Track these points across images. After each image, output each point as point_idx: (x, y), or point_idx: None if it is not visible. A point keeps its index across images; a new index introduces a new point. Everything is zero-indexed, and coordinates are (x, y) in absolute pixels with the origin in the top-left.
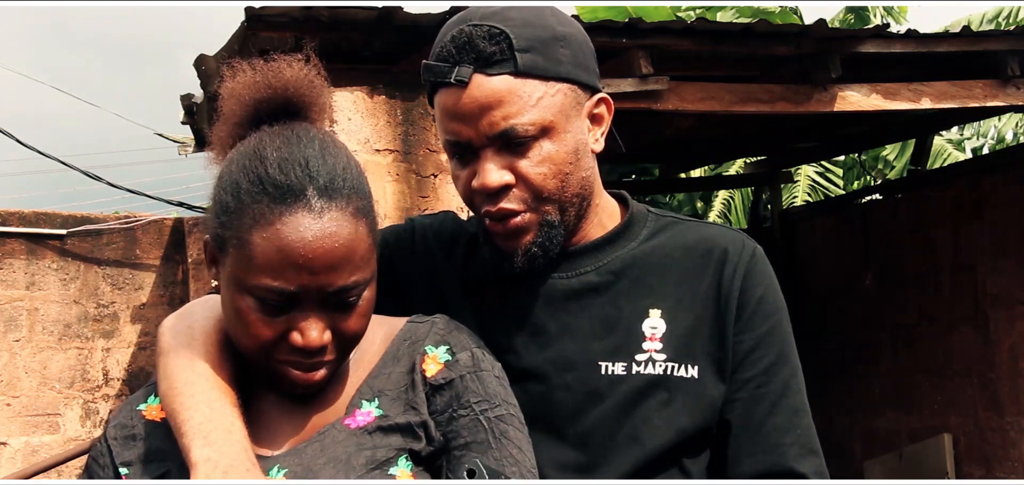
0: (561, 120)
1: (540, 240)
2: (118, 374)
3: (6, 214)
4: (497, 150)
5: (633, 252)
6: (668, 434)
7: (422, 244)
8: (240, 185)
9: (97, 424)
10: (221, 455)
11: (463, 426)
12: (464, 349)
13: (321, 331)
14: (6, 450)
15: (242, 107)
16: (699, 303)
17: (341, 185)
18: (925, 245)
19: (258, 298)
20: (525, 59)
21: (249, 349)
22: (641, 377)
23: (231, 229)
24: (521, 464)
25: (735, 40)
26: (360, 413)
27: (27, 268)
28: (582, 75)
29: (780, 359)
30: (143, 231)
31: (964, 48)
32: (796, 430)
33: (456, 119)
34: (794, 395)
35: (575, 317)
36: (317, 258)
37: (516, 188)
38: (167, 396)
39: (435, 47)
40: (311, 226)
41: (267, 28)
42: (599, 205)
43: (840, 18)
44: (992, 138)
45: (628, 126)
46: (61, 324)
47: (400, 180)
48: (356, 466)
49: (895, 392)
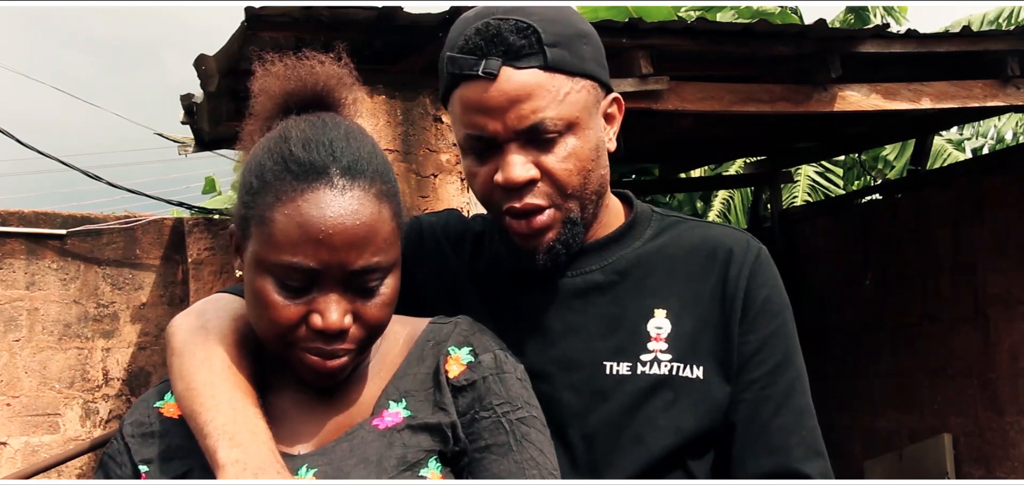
0: (585, 116)
1: (563, 237)
2: (118, 374)
3: (6, 214)
4: (522, 145)
5: (638, 252)
6: (673, 435)
7: (432, 241)
8: (264, 165)
9: (97, 424)
10: (249, 457)
11: (485, 428)
12: (487, 351)
13: (342, 313)
14: (6, 450)
15: (272, 102)
16: (704, 303)
17: (365, 167)
18: (925, 245)
19: (279, 278)
20: (554, 54)
21: (269, 335)
22: (646, 377)
23: (254, 209)
24: (542, 467)
25: (735, 40)
26: (388, 414)
27: (27, 268)
28: (602, 73)
29: (785, 360)
30: (143, 231)
31: (964, 48)
32: (801, 431)
33: (482, 112)
34: (799, 396)
35: (580, 316)
36: (338, 234)
37: (541, 183)
38: (185, 396)
39: (455, 40)
40: (332, 202)
41: (267, 28)
42: (608, 205)
43: (840, 18)
44: (992, 138)
45: (628, 126)
46: (61, 324)
47: (400, 180)
48: (387, 467)
49: (895, 392)
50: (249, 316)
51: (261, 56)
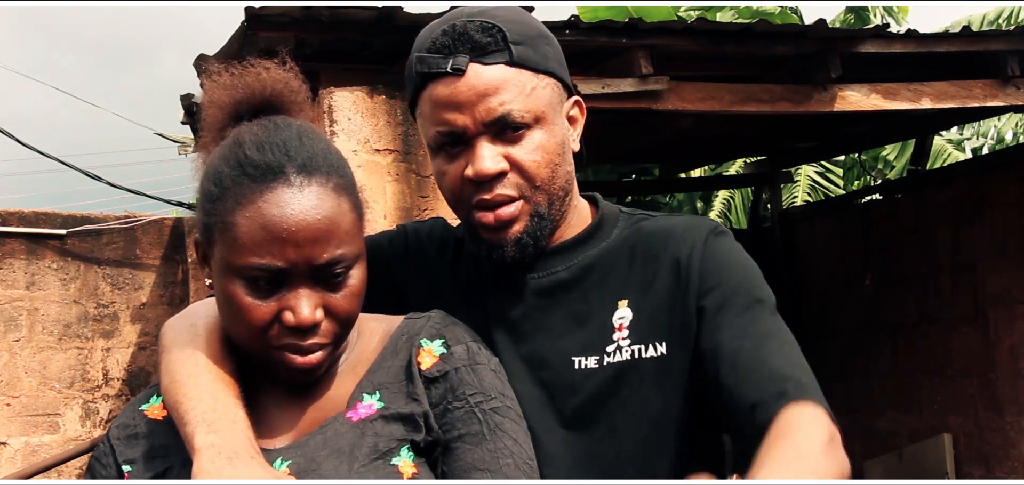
0: (551, 112)
1: (531, 229)
2: (118, 374)
3: (6, 214)
4: (491, 138)
5: (602, 250)
6: (646, 417)
7: (416, 245)
8: (222, 172)
9: (97, 424)
10: (225, 442)
11: (458, 418)
12: (460, 343)
13: (313, 307)
14: (6, 450)
15: (223, 112)
16: (661, 282)
17: (320, 163)
18: (925, 245)
19: (247, 280)
20: (519, 50)
21: (244, 337)
22: (612, 366)
23: (216, 215)
24: (517, 456)
25: (735, 40)
26: (362, 406)
27: (27, 268)
28: (564, 74)
29: (757, 303)
30: (143, 231)
31: (964, 48)
32: (791, 360)
33: (451, 108)
34: (779, 331)
35: (548, 315)
36: (301, 230)
37: (510, 175)
38: (169, 389)
39: (423, 43)
40: (292, 201)
41: (267, 28)
42: (575, 207)
43: (840, 18)
44: (992, 138)
45: (628, 126)
46: (61, 324)
47: (400, 180)
48: (358, 457)
49: (895, 392)
50: (223, 323)
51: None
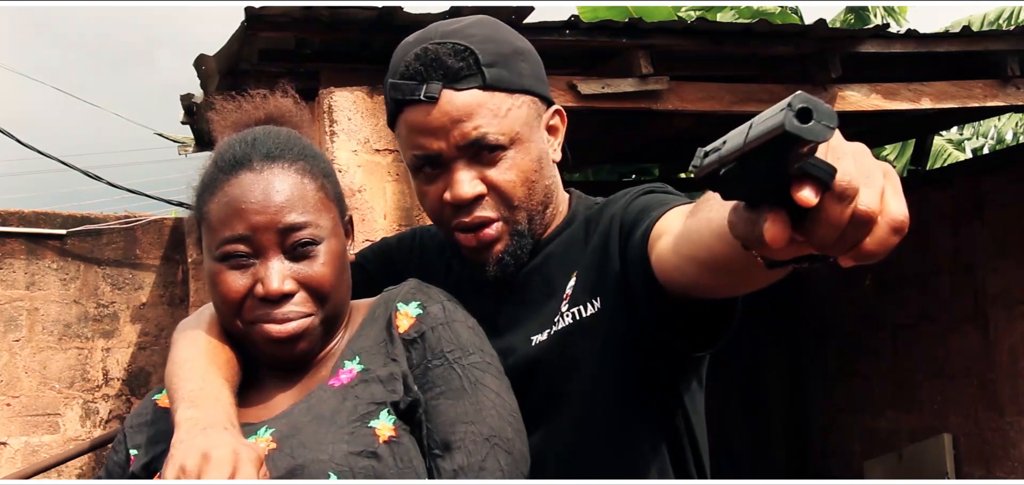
0: (526, 131)
1: (512, 248)
2: (118, 374)
3: (6, 214)
4: (468, 162)
5: (565, 234)
6: (586, 372)
7: (420, 246)
8: (203, 172)
9: (97, 424)
10: (203, 415)
11: (437, 376)
12: (435, 302)
13: (281, 277)
14: (6, 450)
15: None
16: (593, 246)
17: (284, 152)
18: (925, 245)
19: (224, 259)
20: (491, 73)
21: (227, 316)
22: (557, 334)
23: (198, 211)
24: (500, 408)
25: (735, 40)
26: (343, 372)
27: (27, 268)
28: (540, 88)
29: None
30: (143, 231)
31: (964, 48)
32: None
33: (426, 134)
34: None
35: (520, 307)
36: (260, 200)
37: (488, 197)
38: (168, 374)
39: (396, 67)
40: (254, 180)
41: (267, 28)
42: (560, 210)
43: (840, 18)
44: (992, 138)
45: (628, 126)
46: (61, 324)
47: (400, 180)
48: (339, 421)
49: (895, 392)
50: (214, 309)
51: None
